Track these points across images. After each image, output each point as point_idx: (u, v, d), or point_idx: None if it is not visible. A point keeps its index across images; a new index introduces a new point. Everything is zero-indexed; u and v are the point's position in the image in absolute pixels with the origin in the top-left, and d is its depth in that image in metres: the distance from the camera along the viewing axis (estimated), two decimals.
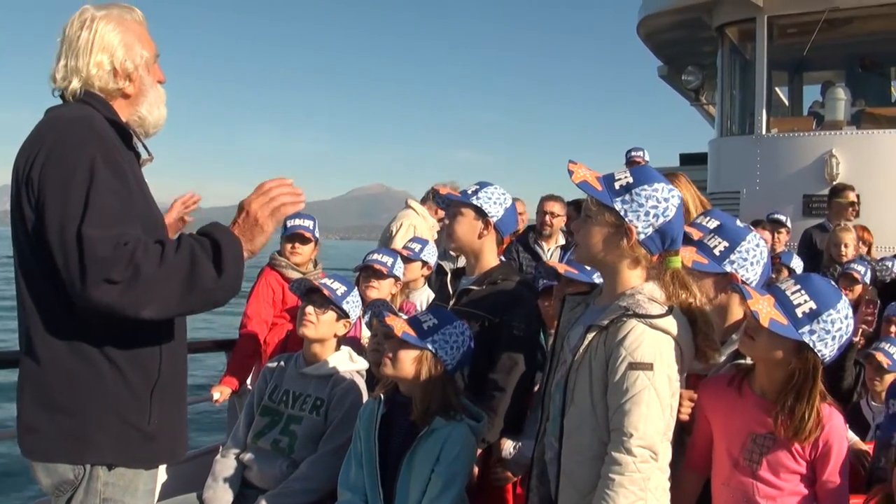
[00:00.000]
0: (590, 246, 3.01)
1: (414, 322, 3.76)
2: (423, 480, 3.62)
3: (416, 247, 6.39)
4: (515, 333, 4.09)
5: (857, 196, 9.02)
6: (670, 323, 2.88)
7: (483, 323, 4.12)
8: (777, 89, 13.37)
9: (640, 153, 10.88)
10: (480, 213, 4.20)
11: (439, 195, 4.46)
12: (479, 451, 3.99)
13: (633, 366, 2.80)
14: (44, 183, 2.63)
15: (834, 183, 9.70)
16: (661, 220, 2.92)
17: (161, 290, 2.61)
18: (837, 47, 12.17)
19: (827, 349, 2.88)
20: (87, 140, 2.71)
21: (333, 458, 4.18)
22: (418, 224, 7.69)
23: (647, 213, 2.91)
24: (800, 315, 2.87)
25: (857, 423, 4.87)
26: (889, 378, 4.90)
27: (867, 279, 6.80)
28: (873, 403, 5.08)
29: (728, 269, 3.40)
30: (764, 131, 11.00)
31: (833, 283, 3.22)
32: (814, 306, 2.88)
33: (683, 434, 3.34)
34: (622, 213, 2.92)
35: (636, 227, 2.91)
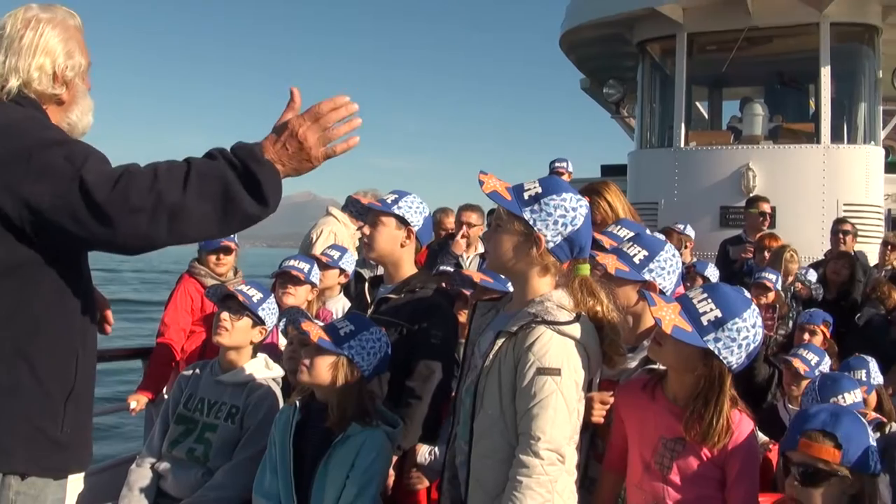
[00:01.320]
0: (500, 254, 3.08)
1: (330, 329, 3.76)
2: (338, 487, 3.61)
3: (335, 254, 6.37)
4: (433, 342, 4.11)
5: (772, 207, 9.24)
6: (577, 329, 2.95)
7: (401, 331, 4.13)
8: (697, 103, 13.66)
9: (564, 164, 11.01)
10: (402, 223, 4.22)
11: (360, 204, 4.44)
12: (395, 457, 4.00)
13: (541, 371, 2.86)
14: (14, 161, 2.51)
15: (749, 195, 9.95)
16: (570, 228, 3.00)
17: (194, 213, 2.48)
18: (756, 64, 12.47)
19: (733, 357, 2.92)
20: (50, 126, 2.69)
21: (249, 465, 4.14)
22: (339, 231, 7.67)
23: (555, 222, 2.99)
24: (705, 323, 2.92)
25: (775, 425, 4.97)
26: (805, 384, 5.02)
27: (778, 286, 6.99)
28: (790, 407, 5.19)
29: (647, 276, 3.49)
30: (682, 144, 11.21)
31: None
32: (719, 315, 2.92)
33: (596, 437, 3.43)
34: (531, 223, 2.99)
35: (545, 236, 2.99)
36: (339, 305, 6.14)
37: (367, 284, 4.51)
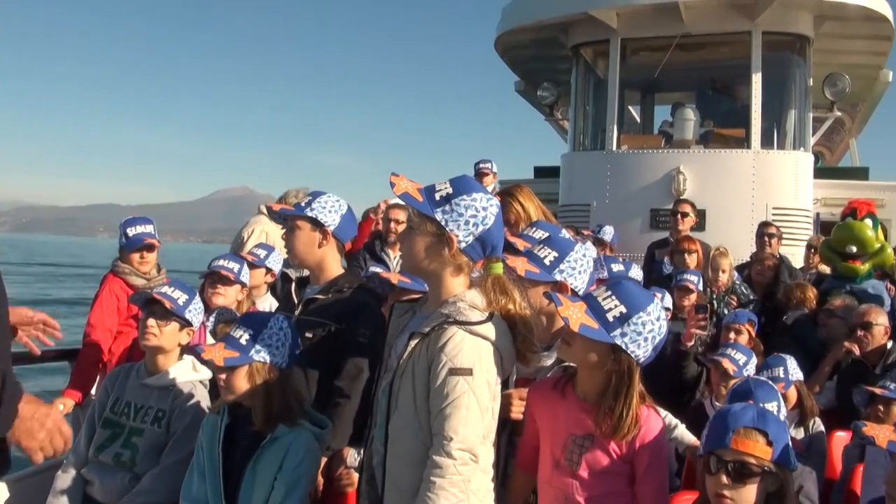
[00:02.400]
0: (413, 255, 3.11)
1: (230, 342, 3.71)
2: (266, 489, 3.59)
3: (262, 253, 6.33)
4: (361, 341, 4.11)
5: (698, 211, 9.37)
6: (489, 329, 2.98)
7: (329, 330, 4.13)
8: (630, 108, 13.85)
9: (488, 165, 11.07)
10: (317, 224, 4.21)
11: (272, 212, 4.41)
12: (325, 458, 3.99)
13: (454, 371, 2.89)
14: None
15: (679, 198, 10.06)
16: (481, 228, 3.04)
17: None
18: (689, 70, 12.65)
19: (640, 350, 2.98)
20: None
21: (176, 470, 4.10)
22: (271, 230, 7.60)
23: (466, 222, 3.02)
24: (611, 319, 2.97)
25: (702, 423, 5.03)
26: (733, 383, 5.08)
27: (700, 287, 7.11)
28: (717, 405, 5.25)
29: (558, 277, 3.55)
30: (614, 147, 11.34)
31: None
32: (624, 310, 2.98)
33: (514, 435, 3.44)
34: (443, 223, 3.02)
35: (457, 236, 3.02)
36: (265, 305, 6.11)
37: (293, 285, 4.50)
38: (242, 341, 3.68)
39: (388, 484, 3.05)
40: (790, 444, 3.00)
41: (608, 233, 9.66)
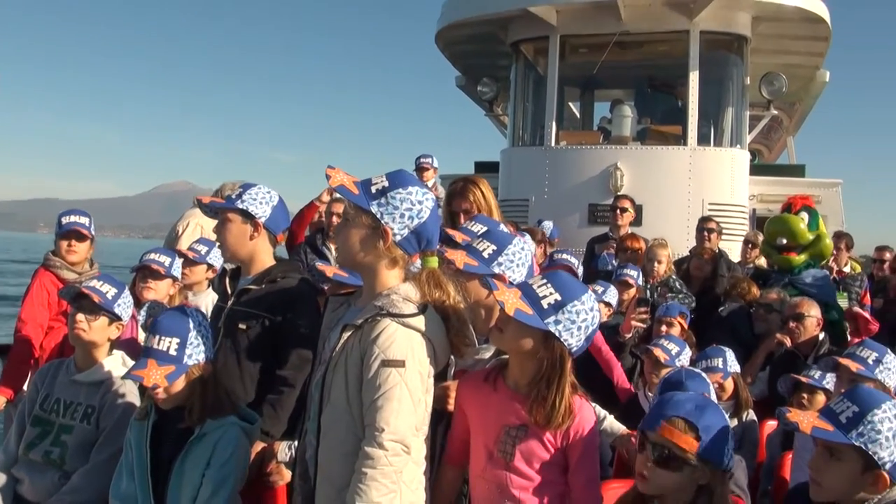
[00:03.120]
0: (348, 248, 3.12)
1: (160, 356, 3.63)
2: (195, 485, 3.56)
3: (202, 248, 6.24)
4: (302, 331, 4.09)
5: (637, 206, 9.44)
6: (422, 321, 3.01)
7: (263, 323, 4.11)
8: (570, 104, 13.92)
9: (429, 160, 11.07)
10: (247, 216, 4.17)
11: (203, 205, 4.34)
12: (260, 448, 3.99)
13: (386, 363, 2.91)
14: None
15: (617, 194, 10.16)
16: (416, 221, 3.07)
17: None
18: (627, 68, 12.81)
19: (573, 339, 3.01)
20: None
21: (106, 467, 4.02)
22: (206, 223, 7.49)
23: (402, 215, 3.05)
24: (545, 306, 2.99)
25: (636, 414, 5.06)
26: (665, 372, 5.10)
27: (639, 282, 7.16)
28: (650, 395, 5.28)
29: (496, 270, 3.55)
30: (553, 143, 11.40)
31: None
32: (559, 298, 3.00)
33: (450, 428, 3.44)
34: (378, 216, 3.04)
35: (392, 229, 3.04)
36: (207, 300, 6.03)
37: (227, 277, 4.45)
38: (172, 351, 3.63)
39: (320, 477, 3.05)
40: (729, 443, 2.99)
41: (548, 227, 9.67)
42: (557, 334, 2.97)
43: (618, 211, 9.15)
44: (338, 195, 4.15)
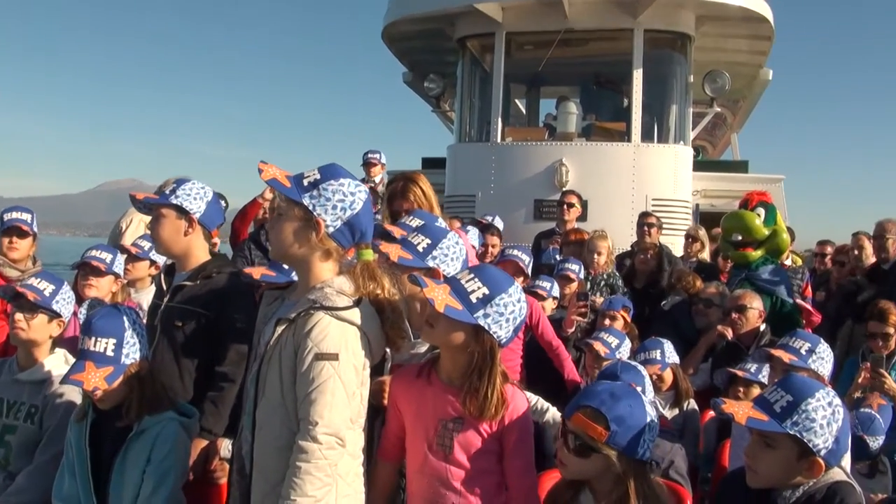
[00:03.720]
0: (281, 241, 3.12)
1: (97, 358, 3.60)
2: (136, 483, 3.53)
3: (145, 244, 6.21)
4: (239, 326, 4.08)
5: (584, 202, 9.51)
6: (356, 314, 3.02)
7: (199, 320, 4.11)
8: (517, 101, 13.98)
9: (377, 156, 11.07)
10: (182, 212, 4.15)
11: (136, 201, 4.31)
12: (203, 445, 4.00)
13: (319, 356, 2.92)
14: None
15: (563, 189, 10.24)
16: (349, 213, 3.08)
17: None
18: (573, 65, 12.87)
19: (502, 331, 3.05)
20: None
21: (50, 467, 3.97)
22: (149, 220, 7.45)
23: (334, 207, 3.05)
24: (474, 300, 3.02)
25: None
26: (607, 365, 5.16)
27: (581, 276, 7.25)
28: None
29: (431, 263, 3.62)
30: (499, 139, 11.45)
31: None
32: (487, 292, 3.04)
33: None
34: (310, 208, 3.04)
35: (324, 221, 3.05)
36: (150, 297, 5.97)
37: (163, 273, 4.44)
38: (109, 352, 3.60)
39: (256, 472, 3.05)
40: (645, 434, 3.02)
41: (498, 223, 9.72)
42: (487, 327, 3.01)
43: (565, 206, 9.23)
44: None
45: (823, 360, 4.42)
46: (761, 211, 7.45)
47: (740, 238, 7.38)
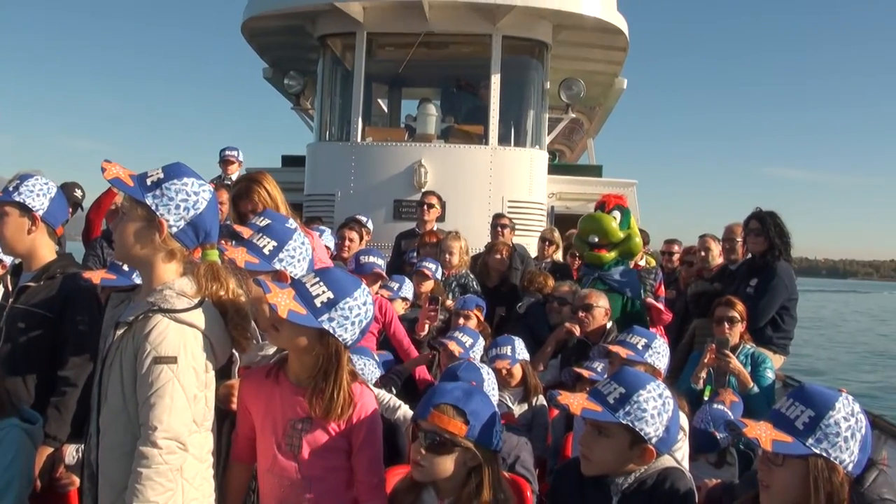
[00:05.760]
0: (124, 242, 3.07)
1: None
2: None
3: None
4: (81, 328, 4.02)
5: (443, 203, 9.61)
6: (197, 316, 2.99)
7: (43, 321, 4.02)
8: (379, 100, 14.02)
9: (235, 153, 10.95)
10: (25, 210, 4.05)
11: None
12: (49, 452, 3.91)
13: (158, 360, 2.88)
14: None
15: (422, 190, 10.37)
16: (193, 213, 3.04)
17: None
18: (433, 67, 13.03)
19: (347, 334, 3.09)
20: None
21: None
22: None
23: (177, 207, 3.01)
24: (318, 305, 3.04)
25: None
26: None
27: (438, 275, 7.40)
28: None
29: (278, 266, 3.62)
30: (359, 139, 11.45)
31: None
32: (331, 296, 3.06)
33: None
34: (153, 207, 3.00)
35: (167, 221, 3.01)
36: None
37: (9, 274, 4.34)
38: None
39: (101, 478, 2.99)
40: (496, 426, 3.19)
41: (370, 225, 9.79)
42: (332, 331, 3.04)
43: (425, 207, 9.34)
44: None
45: (660, 354, 4.63)
46: (617, 214, 7.71)
47: (597, 240, 7.63)
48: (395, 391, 5.35)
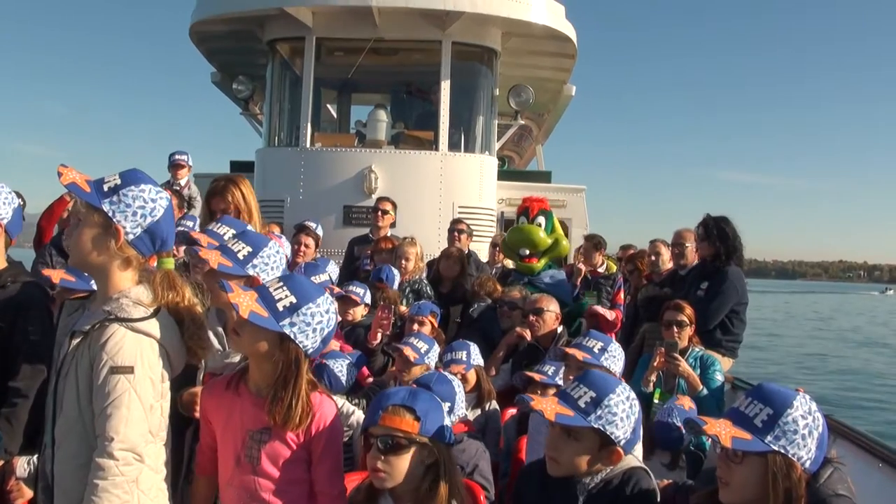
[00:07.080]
0: (80, 248, 3.02)
1: None
2: None
3: None
4: (32, 338, 3.93)
5: (394, 207, 9.61)
6: (153, 325, 2.96)
7: None
8: (329, 106, 13.98)
9: (185, 157, 10.85)
10: None
11: None
12: (0, 464, 3.86)
13: (114, 370, 2.84)
14: None
15: (373, 196, 10.39)
16: (150, 220, 3.01)
17: None
18: (383, 73, 13.06)
19: (308, 340, 3.07)
20: None
21: None
22: None
23: (134, 214, 2.98)
24: (280, 308, 3.03)
25: None
26: (416, 370, 5.33)
27: (395, 285, 7.53)
28: None
29: (251, 272, 3.61)
30: (308, 144, 11.42)
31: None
32: (294, 300, 3.05)
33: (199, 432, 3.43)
34: (110, 214, 2.96)
35: (124, 228, 2.97)
36: None
37: None
38: None
39: (57, 490, 2.95)
40: (446, 419, 3.22)
41: (319, 232, 9.74)
42: (293, 336, 3.02)
43: (379, 213, 9.31)
44: None
45: (615, 357, 4.68)
46: (542, 220, 7.81)
47: (528, 252, 7.73)
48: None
